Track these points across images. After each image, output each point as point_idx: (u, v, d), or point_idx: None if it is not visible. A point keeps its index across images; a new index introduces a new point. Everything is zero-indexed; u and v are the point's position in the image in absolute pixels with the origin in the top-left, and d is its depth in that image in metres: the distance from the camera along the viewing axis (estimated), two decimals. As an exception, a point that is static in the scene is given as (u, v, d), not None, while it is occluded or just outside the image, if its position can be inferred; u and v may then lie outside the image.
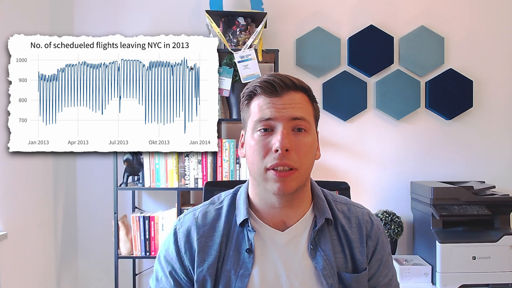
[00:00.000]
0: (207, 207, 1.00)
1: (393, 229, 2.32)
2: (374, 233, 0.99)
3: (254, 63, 2.14)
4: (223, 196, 1.02)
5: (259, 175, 0.89)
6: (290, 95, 0.90)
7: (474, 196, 2.18)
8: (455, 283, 2.10)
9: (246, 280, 0.90)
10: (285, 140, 0.86)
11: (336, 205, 1.00)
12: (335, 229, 0.97)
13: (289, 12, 2.50)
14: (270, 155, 0.87)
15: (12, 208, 1.91)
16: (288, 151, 0.86)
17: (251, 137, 0.91)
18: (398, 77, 2.50)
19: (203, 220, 0.97)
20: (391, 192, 2.53)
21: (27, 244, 2.03)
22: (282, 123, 0.88)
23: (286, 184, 0.87)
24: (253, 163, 0.90)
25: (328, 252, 0.94)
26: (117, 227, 2.18)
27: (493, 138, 2.56)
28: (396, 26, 2.51)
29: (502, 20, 2.54)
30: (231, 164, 2.19)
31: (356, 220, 0.99)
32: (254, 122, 0.91)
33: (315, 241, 0.94)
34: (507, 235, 2.12)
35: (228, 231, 0.95)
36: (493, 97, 2.55)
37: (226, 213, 0.97)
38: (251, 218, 0.95)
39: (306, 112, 0.91)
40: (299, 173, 0.88)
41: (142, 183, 2.22)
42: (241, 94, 0.96)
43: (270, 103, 0.89)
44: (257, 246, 0.93)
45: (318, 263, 0.92)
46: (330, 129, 2.50)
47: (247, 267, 0.91)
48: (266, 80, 0.90)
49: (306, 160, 0.89)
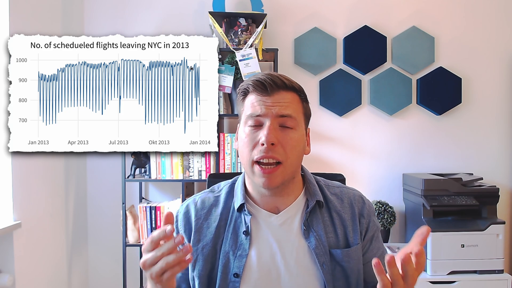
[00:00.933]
0: (207, 194, 1.05)
1: (386, 219, 2.36)
2: (367, 212, 1.03)
3: (254, 62, 2.17)
4: (222, 185, 1.07)
5: (248, 167, 0.93)
6: (280, 94, 0.93)
7: (463, 187, 2.22)
8: (445, 270, 2.15)
9: (244, 260, 0.94)
10: (270, 135, 0.89)
11: (328, 189, 1.04)
12: (327, 211, 1.01)
13: (287, 13, 2.53)
14: (257, 147, 0.91)
15: (26, 199, 1.94)
16: (274, 145, 0.90)
17: (243, 130, 0.95)
18: (391, 74, 2.53)
19: (201, 204, 1.02)
20: (384, 183, 2.56)
21: (40, 233, 2.06)
22: (269, 118, 0.91)
23: (271, 180, 0.91)
24: (242, 155, 0.95)
25: (320, 232, 0.97)
26: (125, 217, 2.22)
27: (480, 132, 2.59)
28: (389, 27, 2.55)
29: (489, 22, 2.58)
30: (233, 157, 2.25)
31: (348, 200, 1.03)
32: (246, 117, 0.95)
33: (308, 222, 0.98)
34: (494, 224, 2.17)
35: (227, 216, 0.99)
36: (481, 94, 2.59)
37: (225, 199, 1.02)
38: (247, 203, 0.99)
39: (294, 110, 0.94)
40: (284, 167, 0.91)
41: (148, 175, 2.26)
42: (237, 90, 1.00)
43: (261, 100, 0.93)
44: (254, 229, 0.97)
45: (311, 243, 0.96)
46: (327, 124, 2.54)
47: (244, 248, 0.95)
48: (259, 79, 0.93)
49: (292, 154, 0.92)
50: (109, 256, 2.52)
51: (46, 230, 2.13)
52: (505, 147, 2.61)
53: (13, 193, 1.84)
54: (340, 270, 0.97)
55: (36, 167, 2.02)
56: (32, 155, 1.92)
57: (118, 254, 2.29)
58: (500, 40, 2.60)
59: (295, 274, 0.95)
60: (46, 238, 2.14)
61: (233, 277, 0.94)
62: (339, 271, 0.97)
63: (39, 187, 2.07)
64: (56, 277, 2.24)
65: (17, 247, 1.86)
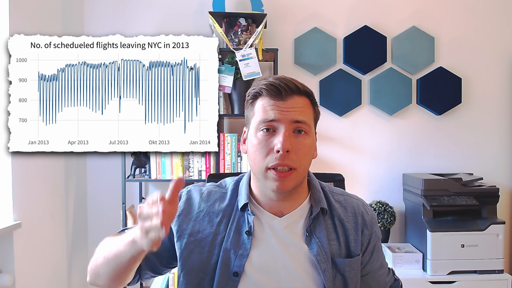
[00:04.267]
0: (214, 187, 1.04)
1: (386, 219, 2.35)
2: (370, 223, 1.03)
3: (254, 62, 2.17)
4: (228, 182, 1.06)
5: (260, 173, 0.92)
6: (294, 99, 0.92)
7: (463, 187, 2.22)
8: (445, 270, 2.15)
9: (244, 259, 0.94)
10: (286, 142, 0.89)
11: (333, 196, 1.04)
12: (330, 218, 1.01)
13: (287, 13, 2.53)
14: (272, 155, 0.90)
15: (26, 199, 1.93)
16: (289, 152, 0.89)
17: (254, 135, 0.93)
18: (391, 74, 2.53)
19: (207, 196, 1.01)
20: (384, 183, 2.56)
21: (40, 233, 2.06)
22: (284, 124, 0.90)
23: (284, 184, 0.91)
24: (255, 160, 0.93)
25: (322, 239, 0.97)
26: (125, 217, 2.21)
27: (480, 132, 2.59)
28: (389, 27, 2.55)
29: (489, 22, 2.58)
30: (233, 157, 2.24)
31: (352, 210, 1.03)
32: (257, 122, 0.92)
33: (311, 228, 0.97)
34: (493, 224, 2.17)
35: (230, 213, 0.98)
36: (481, 94, 2.59)
37: (230, 197, 1.01)
38: (251, 203, 0.98)
39: (308, 115, 0.94)
40: (298, 172, 0.92)
41: (148, 175, 2.25)
42: (247, 93, 0.98)
43: (274, 105, 0.91)
44: (256, 230, 0.96)
45: (313, 249, 0.95)
46: (327, 124, 2.53)
47: (246, 248, 0.95)
48: (272, 83, 0.92)
49: (304, 160, 0.93)
50: (109, 256, 2.50)
51: (46, 230, 2.12)
52: (505, 147, 2.61)
53: (13, 193, 1.84)
54: (341, 279, 0.98)
55: (36, 167, 2.02)
56: (32, 155, 1.92)
57: (118, 254, 2.26)
58: (500, 40, 2.60)
59: (295, 278, 0.95)
60: (46, 238, 2.13)
61: (233, 276, 0.94)
62: (339, 280, 0.98)
63: (39, 187, 2.07)
64: (56, 277, 2.23)
65: (17, 247, 1.86)
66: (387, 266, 1.13)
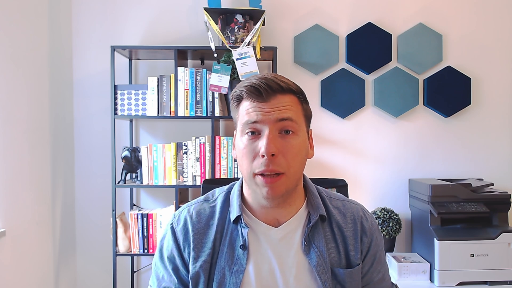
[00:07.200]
0: (201, 205, 1.00)
1: (391, 227, 2.32)
2: (369, 230, 1.00)
3: (252, 61, 2.14)
4: (217, 193, 1.02)
5: (249, 179, 0.90)
6: (277, 99, 0.89)
7: (472, 193, 2.18)
8: (454, 281, 2.10)
9: (240, 276, 0.90)
10: (270, 145, 0.85)
11: (330, 202, 1.01)
12: (329, 225, 0.98)
13: (287, 9, 2.49)
14: (258, 159, 0.87)
15: (11, 205, 1.91)
16: (275, 156, 0.86)
17: (240, 140, 0.91)
18: (396, 74, 2.50)
19: (197, 217, 0.97)
20: (389, 189, 2.53)
21: (26, 242, 2.02)
22: (268, 126, 0.87)
23: (274, 189, 0.87)
24: (242, 166, 0.91)
25: (322, 248, 0.94)
26: (115, 225, 2.18)
27: (491, 135, 2.55)
28: (394, 24, 2.51)
29: (501, 18, 2.53)
30: (229, 161, 2.18)
31: (351, 216, 1.00)
32: (242, 125, 0.90)
33: (309, 237, 0.94)
34: (505, 232, 2.11)
35: (222, 228, 0.95)
36: (492, 95, 2.54)
37: (220, 210, 0.97)
38: (245, 214, 0.95)
39: (294, 113, 0.90)
40: (287, 176, 0.88)
41: (140, 181, 2.22)
42: (230, 96, 0.95)
43: (256, 107, 0.88)
44: (251, 242, 0.93)
45: (312, 259, 0.92)
46: (328, 126, 2.50)
47: (241, 263, 0.91)
48: (252, 84, 0.88)
49: (294, 163, 0.89)
50: (98, 266, 2.48)
51: (32, 239, 2.09)
52: (517, 151, 2.57)
53: (-4, 200, 1.80)
54: None
55: (21, 171, 1.99)
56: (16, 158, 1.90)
57: (108, 264, 2.28)
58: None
59: None
60: (32, 247, 2.10)
61: None
62: None
63: (24, 193, 2.03)
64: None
65: (1, 256, 1.83)
66: (389, 281, 1.06)
